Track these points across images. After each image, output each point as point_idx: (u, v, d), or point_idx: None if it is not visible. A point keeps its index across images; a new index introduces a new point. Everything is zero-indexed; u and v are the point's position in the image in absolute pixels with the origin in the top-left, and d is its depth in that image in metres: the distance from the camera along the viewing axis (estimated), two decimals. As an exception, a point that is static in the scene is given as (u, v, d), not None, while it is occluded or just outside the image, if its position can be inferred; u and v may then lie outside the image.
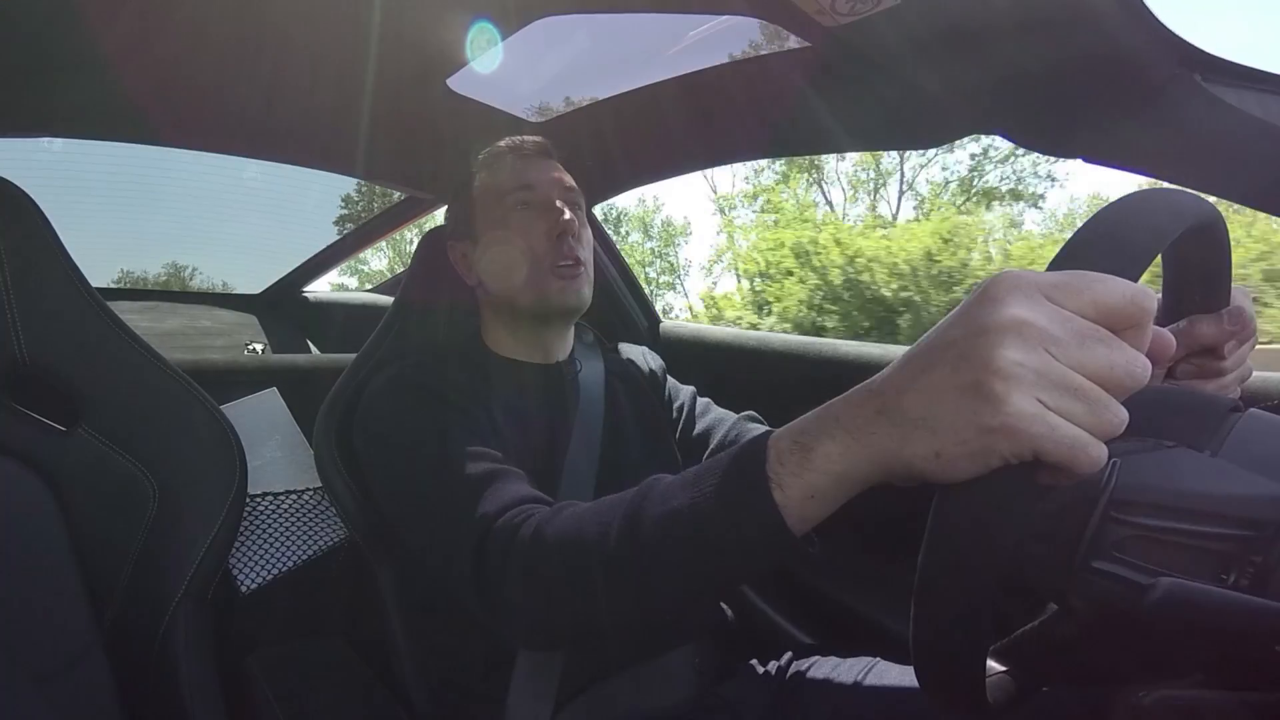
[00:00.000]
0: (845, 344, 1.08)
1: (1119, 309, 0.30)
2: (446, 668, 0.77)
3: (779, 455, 0.38)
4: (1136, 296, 0.30)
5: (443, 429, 0.66)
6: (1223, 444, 0.35)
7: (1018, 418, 0.29)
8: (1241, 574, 0.32)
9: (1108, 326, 0.30)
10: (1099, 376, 0.30)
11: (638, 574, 0.45)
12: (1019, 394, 0.29)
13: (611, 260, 1.33)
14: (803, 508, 0.37)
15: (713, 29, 0.82)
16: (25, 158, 1.30)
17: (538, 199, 0.79)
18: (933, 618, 0.33)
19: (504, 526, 0.54)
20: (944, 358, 0.31)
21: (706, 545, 0.41)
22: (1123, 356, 0.30)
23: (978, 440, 0.30)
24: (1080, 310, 0.30)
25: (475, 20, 0.82)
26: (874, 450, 0.34)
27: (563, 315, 0.81)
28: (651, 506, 0.45)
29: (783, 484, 0.37)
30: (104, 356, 0.68)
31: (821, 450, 0.36)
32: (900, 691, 0.69)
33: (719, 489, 0.40)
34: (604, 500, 0.50)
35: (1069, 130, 0.66)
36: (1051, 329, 0.30)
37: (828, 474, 0.36)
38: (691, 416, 0.89)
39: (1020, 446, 0.29)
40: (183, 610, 0.67)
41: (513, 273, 0.78)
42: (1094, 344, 0.30)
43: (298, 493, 1.11)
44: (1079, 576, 0.33)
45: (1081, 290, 0.30)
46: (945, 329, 0.32)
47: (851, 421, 0.35)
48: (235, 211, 1.82)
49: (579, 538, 0.49)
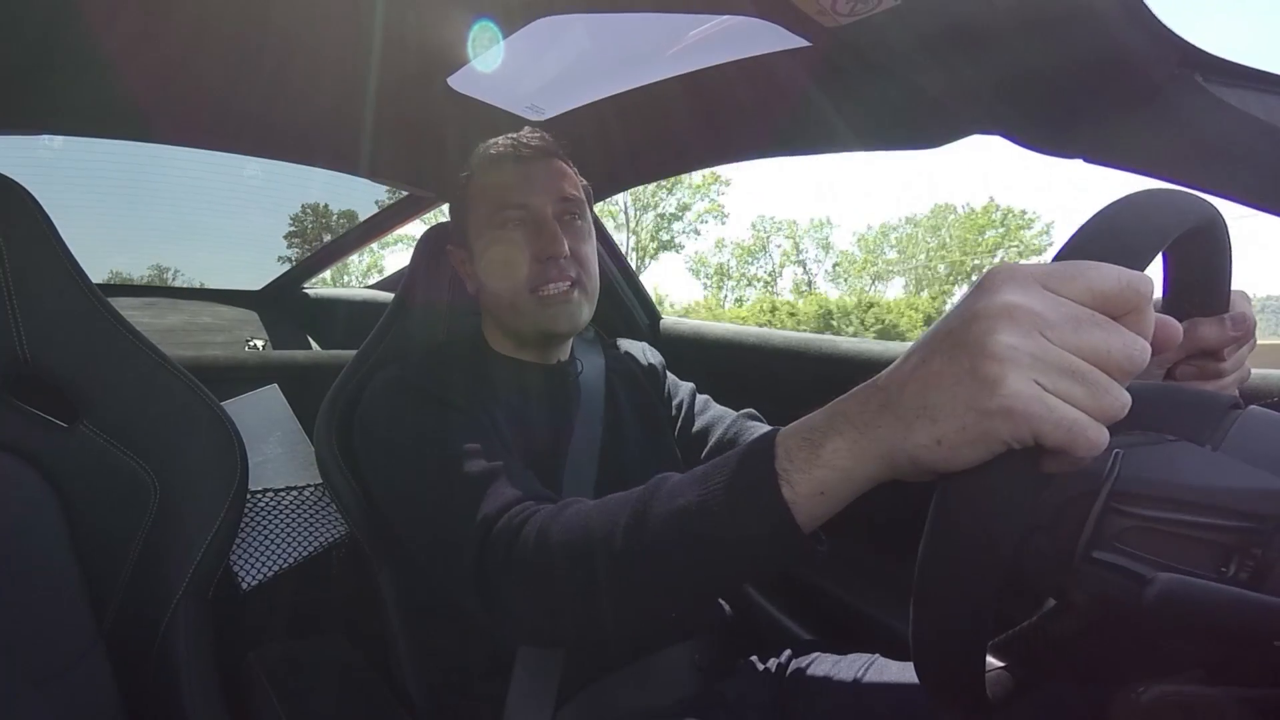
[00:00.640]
0: (844, 340, 1.09)
1: (1115, 294, 0.30)
2: (447, 666, 0.77)
3: (787, 452, 0.38)
4: (1132, 281, 0.30)
5: (443, 430, 0.66)
6: (1223, 439, 0.35)
7: (1014, 398, 0.29)
8: (1241, 567, 0.32)
9: (1105, 312, 0.30)
10: (1096, 360, 0.30)
11: (644, 572, 0.45)
12: (1014, 375, 0.29)
13: (613, 258, 1.33)
14: (811, 504, 0.37)
15: (713, 29, 0.82)
16: (26, 155, 1.30)
17: (531, 218, 0.76)
18: (933, 614, 0.33)
19: (507, 525, 0.54)
20: (941, 346, 0.32)
21: (715, 543, 0.41)
22: (1119, 340, 0.30)
23: (977, 425, 0.30)
24: (1075, 296, 0.30)
25: (476, 19, 0.82)
26: (880, 444, 0.34)
27: (555, 340, 0.80)
28: (659, 504, 0.44)
29: (791, 480, 0.37)
30: (105, 353, 0.68)
31: (830, 446, 0.36)
32: (900, 688, 0.69)
33: (727, 486, 0.40)
34: (609, 498, 0.50)
35: (1069, 130, 0.66)
36: (1046, 313, 0.30)
37: (836, 469, 0.36)
38: (691, 413, 0.89)
39: (1019, 428, 0.29)
40: (183, 608, 0.67)
41: (505, 292, 0.76)
42: (1089, 328, 0.30)
43: (298, 489, 1.11)
44: (1080, 567, 0.33)
45: (1076, 277, 0.31)
46: (945, 320, 0.33)
47: (858, 416, 0.35)
48: (236, 209, 1.82)
49: (585, 536, 0.48)
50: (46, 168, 1.46)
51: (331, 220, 1.90)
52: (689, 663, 0.76)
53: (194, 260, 2.25)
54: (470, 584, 0.56)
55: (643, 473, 0.82)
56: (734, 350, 1.26)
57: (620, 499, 0.48)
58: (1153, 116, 0.59)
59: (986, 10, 0.57)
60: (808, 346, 1.12)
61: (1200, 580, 0.32)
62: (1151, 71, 0.57)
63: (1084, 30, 0.56)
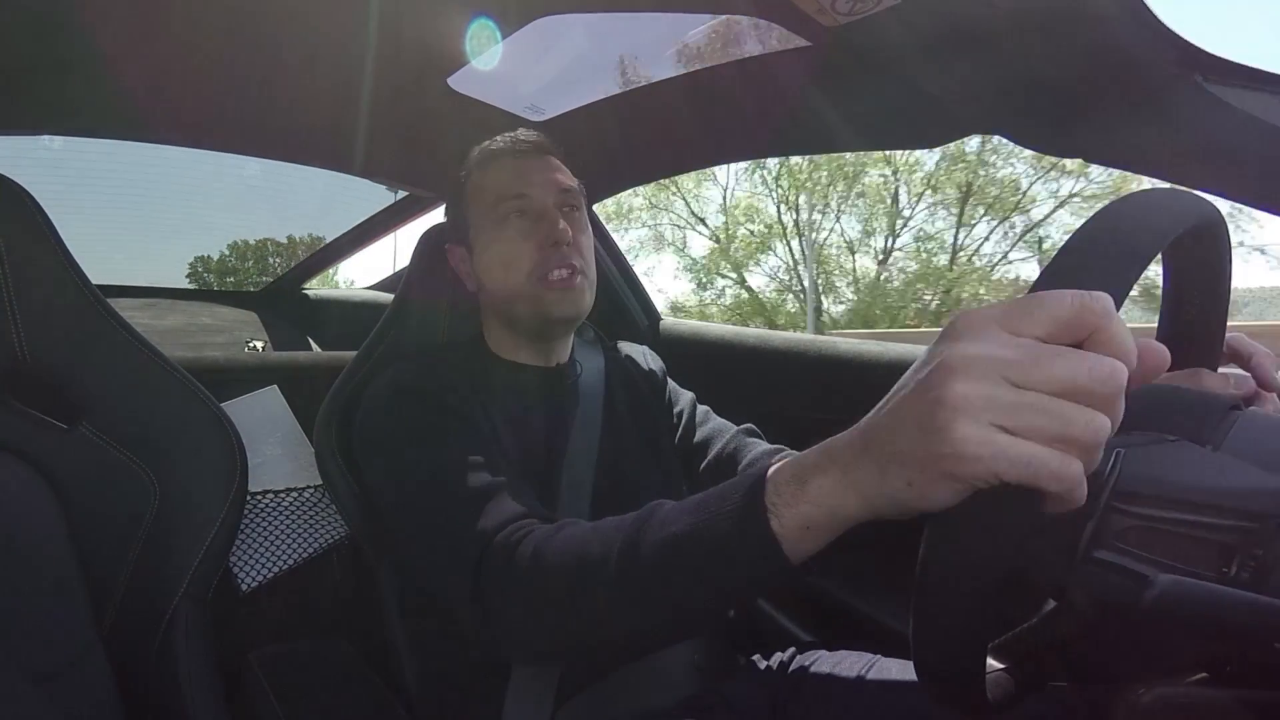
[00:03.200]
0: (844, 341, 1.09)
1: (1071, 318, 0.30)
2: (446, 667, 0.77)
3: (776, 487, 0.39)
4: (1084, 303, 0.30)
5: (442, 438, 0.66)
6: (1223, 439, 0.35)
7: (963, 443, 0.30)
8: (1242, 567, 0.32)
9: (1069, 339, 0.30)
10: (1065, 390, 0.30)
11: (637, 597, 0.46)
12: (963, 421, 0.30)
13: (612, 258, 1.33)
14: (798, 538, 0.38)
15: (713, 29, 0.82)
16: (25, 155, 1.30)
17: (532, 207, 0.77)
18: (932, 615, 0.33)
19: (502, 544, 0.55)
20: (909, 396, 0.33)
21: (706, 572, 0.43)
22: (1084, 364, 0.30)
23: (936, 468, 0.31)
24: (1035, 331, 0.31)
25: (475, 19, 0.82)
26: (860, 485, 0.35)
27: (562, 326, 0.80)
28: (652, 532, 0.46)
29: (779, 515, 0.38)
30: (104, 354, 0.68)
31: (815, 484, 0.37)
32: (901, 688, 0.69)
33: (719, 517, 0.42)
34: (605, 522, 0.51)
35: (1070, 130, 0.66)
36: (1004, 355, 0.30)
37: (821, 507, 0.37)
38: (692, 423, 0.90)
39: (974, 471, 0.30)
40: (183, 609, 0.67)
41: (508, 283, 0.77)
42: (1050, 360, 0.30)
43: (298, 490, 1.11)
44: (1081, 568, 0.33)
45: (1032, 311, 0.31)
46: (914, 369, 0.34)
47: (842, 457, 0.36)
48: (236, 208, 1.83)
49: (579, 559, 0.49)
50: (46, 168, 1.46)
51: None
52: (689, 663, 0.76)
53: (194, 261, 2.26)
54: (464, 600, 0.56)
55: (641, 476, 0.83)
56: (734, 351, 1.26)
57: (615, 524, 0.50)
58: (1153, 116, 0.59)
59: (986, 10, 0.57)
60: (808, 347, 1.12)
61: (1200, 581, 0.32)
62: (1151, 71, 0.57)
63: (1084, 30, 0.56)
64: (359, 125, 1.06)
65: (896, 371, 0.35)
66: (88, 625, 0.64)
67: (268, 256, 2.39)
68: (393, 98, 0.98)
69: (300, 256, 1.97)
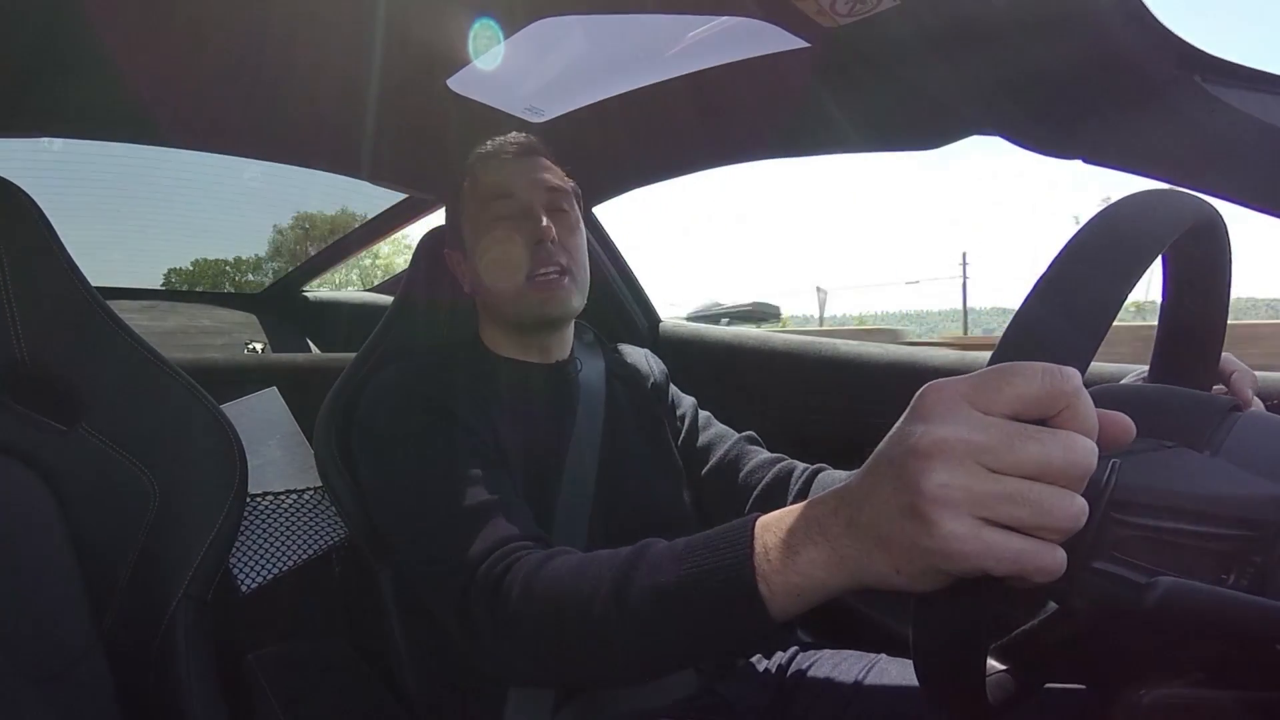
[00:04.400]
0: (845, 344, 1.08)
1: (1040, 397, 0.29)
2: (446, 668, 0.77)
3: (765, 549, 0.39)
4: (1054, 379, 0.29)
5: (439, 445, 0.66)
6: (1222, 445, 0.35)
7: (950, 540, 0.29)
8: (1241, 574, 0.32)
9: (1038, 417, 0.30)
10: (1039, 473, 0.29)
11: (620, 642, 0.47)
12: (948, 516, 0.29)
13: (611, 260, 1.33)
14: (786, 602, 0.38)
15: (713, 29, 0.82)
16: (25, 158, 1.30)
17: (516, 207, 0.77)
18: (933, 617, 0.33)
19: (491, 568, 0.55)
20: (886, 475, 0.32)
21: (691, 628, 0.43)
22: (1058, 447, 0.29)
23: (924, 560, 0.31)
24: (1005, 409, 0.30)
25: (476, 20, 0.82)
26: (848, 562, 0.35)
27: (548, 326, 0.81)
28: (640, 577, 0.46)
29: (769, 581, 0.38)
30: (104, 355, 0.68)
31: (805, 555, 0.37)
32: (901, 689, 0.69)
33: (707, 573, 0.42)
34: (593, 559, 0.51)
35: (1069, 131, 0.66)
36: (977, 439, 0.30)
37: (810, 578, 0.37)
38: (694, 427, 0.90)
39: (962, 566, 0.30)
40: (182, 610, 0.67)
41: (498, 284, 0.78)
42: (1024, 442, 0.29)
43: (298, 492, 1.11)
44: (1079, 577, 0.33)
45: (1001, 388, 0.30)
46: (888, 444, 0.33)
47: (830, 529, 0.36)
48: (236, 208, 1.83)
49: (564, 598, 0.50)
50: (46, 170, 1.46)
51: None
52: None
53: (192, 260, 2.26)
54: (452, 616, 0.57)
55: (642, 473, 0.83)
56: (734, 353, 1.26)
57: (605, 560, 0.50)
58: (1152, 117, 0.59)
59: (986, 10, 0.57)
60: (808, 349, 1.12)
61: (1201, 584, 0.32)
62: (1151, 72, 0.57)
63: (1084, 30, 0.56)
64: (359, 127, 1.06)
65: (897, 372, 0.34)
66: (88, 626, 0.64)
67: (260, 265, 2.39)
68: (393, 100, 0.98)
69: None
